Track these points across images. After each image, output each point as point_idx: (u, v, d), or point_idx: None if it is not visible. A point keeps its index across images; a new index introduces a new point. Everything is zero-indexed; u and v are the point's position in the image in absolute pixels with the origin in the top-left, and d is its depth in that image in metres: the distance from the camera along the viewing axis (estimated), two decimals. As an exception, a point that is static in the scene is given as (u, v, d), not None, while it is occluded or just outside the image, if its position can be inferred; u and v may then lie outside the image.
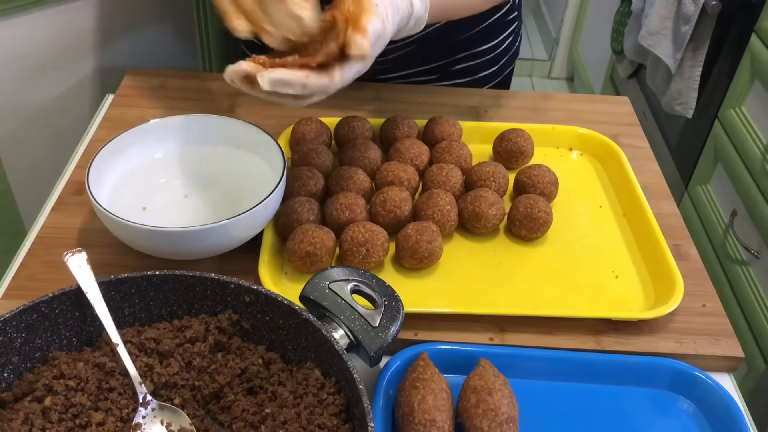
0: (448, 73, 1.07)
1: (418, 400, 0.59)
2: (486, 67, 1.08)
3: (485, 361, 0.64)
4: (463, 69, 1.07)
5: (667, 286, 0.74)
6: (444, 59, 1.05)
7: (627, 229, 0.84)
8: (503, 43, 1.08)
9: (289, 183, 0.79)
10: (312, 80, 0.61)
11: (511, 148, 0.89)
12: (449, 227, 0.79)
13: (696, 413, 0.67)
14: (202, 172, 0.82)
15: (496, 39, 1.06)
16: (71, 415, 0.56)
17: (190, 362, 0.60)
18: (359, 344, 0.59)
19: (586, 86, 2.68)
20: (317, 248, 0.72)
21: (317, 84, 0.62)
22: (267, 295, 0.61)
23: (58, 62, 1.06)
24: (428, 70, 1.06)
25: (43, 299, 0.58)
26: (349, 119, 0.90)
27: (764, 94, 1.48)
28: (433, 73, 1.06)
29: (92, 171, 0.73)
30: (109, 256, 0.75)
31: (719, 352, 0.71)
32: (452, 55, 1.05)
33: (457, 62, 1.06)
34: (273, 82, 0.60)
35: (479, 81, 1.09)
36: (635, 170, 0.88)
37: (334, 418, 0.56)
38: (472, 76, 1.08)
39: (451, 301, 0.74)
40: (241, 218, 0.69)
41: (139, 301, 0.62)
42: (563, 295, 0.75)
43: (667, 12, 1.68)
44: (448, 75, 1.07)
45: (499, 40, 1.07)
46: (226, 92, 1.01)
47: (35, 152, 1.10)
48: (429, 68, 1.06)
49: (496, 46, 1.07)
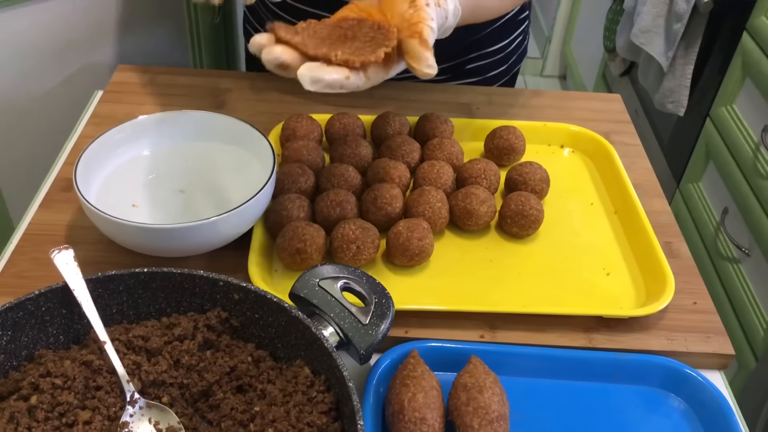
0: (460, 72, 1.07)
1: (408, 398, 0.59)
2: (496, 66, 1.08)
3: (476, 359, 0.64)
4: (475, 68, 1.06)
5: (658, 283, 0.74)
6: (456, 59, 1.05)
7: (618, 226, 0.83)
8: (513, 42, 1.07)
9: (280, 180, 0.79)
10: (351, 81, 0.58)
11: (502, 145, 0.89)
12: (440, 224, 0.78)
13: (687, 410, 0.66)
14: (191, 168, 0.82)
15: (508, 38, 1.06)
16: (58, 414, 0.55)
17: (178, 360, 0.60)
18: (349, 342, 0.59)
19: (579, 84, 2.69)
20: (307, 245, 0.72)
21: (354, 84, 0.59)
22: (256, 293, 0.60)
23: (47, 58, 1.05)
24: (440, 70, 1.06)
25: (29, 297, 0.58)
26: (340, 116, 0.89)
27: (755, 92, 1.48)
28: (444, 73, 1.06)
29: (80, 168, 0.72)
30: (97, 253, 0.75)
31: (710, 350, 0.71)
32: (465, 55, 1.05)
33: (469, 62, 1.05)
34: (314, 81, 0.57)
35: (489, 80, 1.08)
36: (627, 168, 0.88)
37: (323, 416, 0.55)
38: (483, 76, 1.08)
39: (441, 298, 0.74)
40: (230, 215, 0.69)
41: (127, 298, 0.62)
42: (554, 292, 0.75)
43: (659, 10, 1.68)
44: (459, 74, 1.07)
45: (510, 40, 1.07)
46: (216, 88, 1.01)
47: (23, 148, 1.09)
48: (441, 68, 1.05)
49: (506, 46, 1.07)
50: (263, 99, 0.99)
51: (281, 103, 0.99)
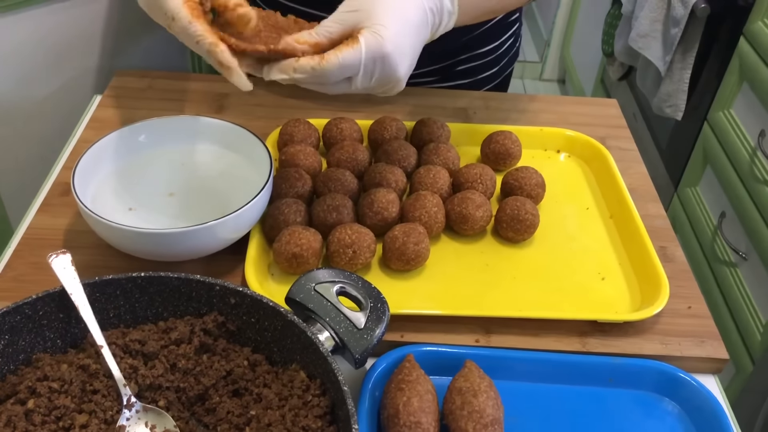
0: (450, 74, 1.07)
1: (404, 402, 0.59)
2: (487, 68, 1.08)
3: (471, 363, 0.64)
4: (465, 70, 1.07)
5: (653, 287, 0.74)
6: (447, 60, 1.05)
7: (614, 231, 0.84)
8: (505, 44, 1.08)
9: (277, 184, 0.79)
10: (301, 62, 0.61)
11: (498, 150, 0.89)
12: (436, 229, 0.79)
13: (681, 415, 0.67)
14: (189, 173, 0.82)
15: (499, 40, 1.06)
16: (54, 418, 0.55)
17: (175, 364, 0.60)
18: (344, 346, 0.59)
19: (578, 88, 2.69)
20: (304, 250, 0.72)
21: (307, 66, 0.61)
22: (252, 297, 0.61)
23: (46, 63, 1.05)
24: (430, 72, 1.06)
25: (26, 301, 0.58)
26: (337, 121, 0.90)
27: (752, 96, 1.48)
28: (434, 75, 1.06)
29: (78, 172, 0.73)
30: (94, 257, 0.75)
31: (704, 354, 0.71)
32: (455, 57, 1.05)
33: (460, 63, 1.06)
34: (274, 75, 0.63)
35: (480, 82, 1.09)
36: (622, 172, 0.89)
37: (319, 420, 0.56)
38: (474, 78, 1.08)
39: (437, 302, 0.74)
40: (227, 220, 0.69)
41: (124, 302, 0.62)
42: (549, 296, 0.75)
43: (656, 15, 1.69)
44: (449, 76, 1.07)
45: (501, 41, 1.07)
46: (214, 93, 1.01)
47: (22, 153, 1.09)
48: (431, 70, 1.06)
49: (498, 47, 1.07)
50: (261, 104, 1.00)
51: (279, 107, 0.99)
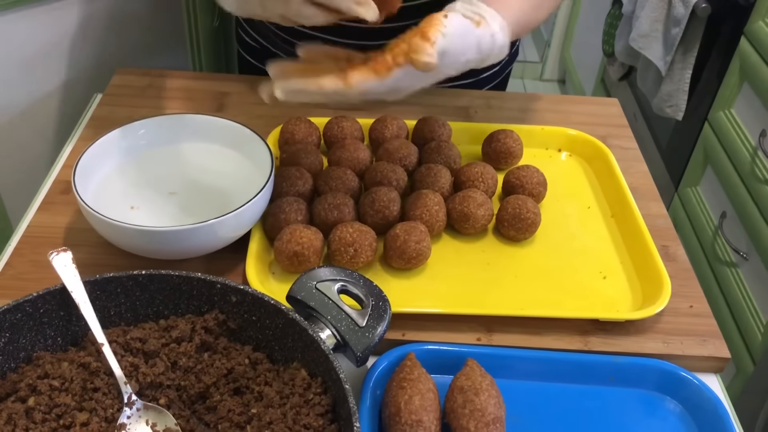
0: None
1: (405, 401, 0.59)
2: (489, 67, 1.08)
3: (472, 362, 0.64)
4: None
5: (655, 286, 0.74)
6: None
7: (615, 230, 0.84)
8: None
9: (278, 183, 0.79)
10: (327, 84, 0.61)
11: (500, 149, 0.89)
12: (437, 227, 0.79)
13: (683, 414, 0.67)
14: (190, 171, 0.82)
15: None
16: (55, 416, 0.55)
17: (176, 362, 0.60)
18: (346, 344, 0.59)
19: (578, 88, 2.69)
20: (305, 248, 0.72)
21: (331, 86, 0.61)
22: (253, 295, 0.60)
23: (47, 61, 1.05)
24: None
25: (27, 299, 0.58)
26: (338, 119, 0.90)
27: (753, 96, 1.48)
28: None
29: (79, 170, 0.73)
30: (95, 255, 0.75)
31: (706, 353, 0.71)
32: None
33: None
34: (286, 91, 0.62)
35: (481, 82, 1.08)
36: (624, 171, 0.89)
37: (320, 418, 0.56)
38: (476, 77, 1.08)
39: (438, 301, 0.74)
40: (228, 218, 0.69)
41: (125, 300, 0.62)
42: (551, 295, 0.75)
43: (657, 15, 1.69)
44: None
45: None
46: (216, 91, 1.01)
47: (23, 151, 1.09)
48: None
49: None
50: (262, 102, 0.99)
51: (280, 106, 0.98)
